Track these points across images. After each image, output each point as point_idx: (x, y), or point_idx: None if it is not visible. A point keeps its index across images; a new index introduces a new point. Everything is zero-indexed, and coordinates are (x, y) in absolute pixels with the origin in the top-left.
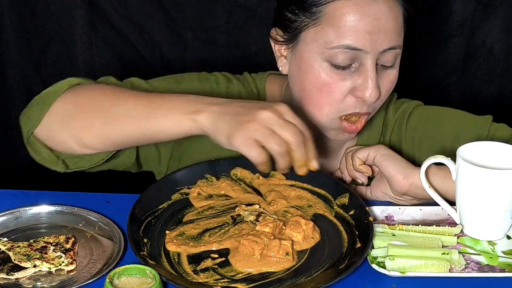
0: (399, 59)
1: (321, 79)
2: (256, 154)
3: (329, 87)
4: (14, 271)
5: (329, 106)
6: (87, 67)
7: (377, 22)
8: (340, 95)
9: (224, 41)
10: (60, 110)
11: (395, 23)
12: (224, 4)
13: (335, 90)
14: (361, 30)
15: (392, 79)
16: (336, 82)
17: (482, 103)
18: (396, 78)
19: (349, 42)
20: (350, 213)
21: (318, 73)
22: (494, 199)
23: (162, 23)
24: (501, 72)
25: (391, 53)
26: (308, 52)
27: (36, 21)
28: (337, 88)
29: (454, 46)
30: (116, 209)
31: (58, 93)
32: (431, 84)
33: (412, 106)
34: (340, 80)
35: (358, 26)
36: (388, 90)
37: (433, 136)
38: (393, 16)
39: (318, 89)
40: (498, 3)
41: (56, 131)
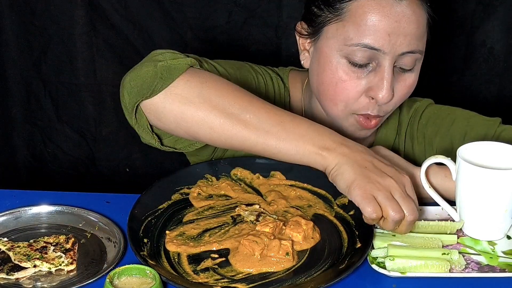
0: (419, 64)
1: (337, 75)
2: (372, 210)
3: (344, 83)
4: (14, 271)
5: (343, 102)
6: (87, 67)
7: (398, 24)
8: (355, 93)
9: (224, 41)
10: (181, 91)
11: (417, 27)
12: (224, 4)
13: (350, 88)
14: (380, 30)
15: (410, 84)
16: (352, 80)
17: (482, 103)
18: (414, 84)
19: (367, 41)
20: (350, 213)
21: (336, 68)
22: (494, 199)
23: (162, 23)
24: (501, 72)
25: (410, 57)
26: (328, 48)
27: (36, 21)
28: (352, 86)
29: (454, 46)
30: (116, 209)
31: (180, 70)
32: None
33: (424, 105)
34: (356, 78)
35: (378, 26)
36: (404, 94)
37: (443, 135)
38: (415, 20)
39: (334, 85)
40: (498, 3)
41: (170, 111)
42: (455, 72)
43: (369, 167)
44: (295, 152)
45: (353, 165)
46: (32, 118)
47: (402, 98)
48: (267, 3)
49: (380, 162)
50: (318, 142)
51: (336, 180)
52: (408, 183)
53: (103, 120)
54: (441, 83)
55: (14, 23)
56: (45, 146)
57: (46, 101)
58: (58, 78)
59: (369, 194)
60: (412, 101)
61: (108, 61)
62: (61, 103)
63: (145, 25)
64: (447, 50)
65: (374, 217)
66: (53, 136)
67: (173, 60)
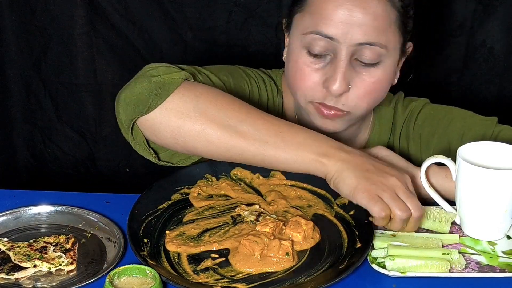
0: (389, 61)
1: (297, 65)
2: (380, 208)
3: (302, 73)
4: (14, 271)
5: (300, 91)
6: (87, 67)
7: (351, 14)
8: (312, 84)
9: (224, 41)
10: (177, 106)
11: (373, 19)
12: (224, 4)
13: (307, 78)
14: (334, 18)
15: (375, 80)
16: (309, 70)
17: (482, 103)
18: (382, 81)
19: (321, 29)
20: (350, 213)
21: (297, 58)
22: (494, 199)
23: (162, 23)
24: (501, 72)
25: (370, 50)
26: (293, 38)
27: (36, 21)
28: (309, 76)
29: (454, 46)
30: (116, 209)
31: (174, 85)
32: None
33: (420, 105)
34: (314, 68)
35: (331, 14)
36: (369, 91)
37: (440, 135)
38: (372, 12)
39: (294, 74)
40: (498, 3)
41: (167, 127)
42: (455, 72)
43: (370, 170)
44: (294, 161)
45: (354, 169)
46: (32, 118)
47: (367, 95)
48: (267, 3)
49: (380, 164)
50: (316, 149)
51: (338, 187)
52: (409, 182)
53: (103, 120)
54: (441, 83)
55: (14, 23)
56: (45, 146)
57: (46, 101)
58: (58, 78)
59: (374, 195)
60: (408, 101)
61: (108, 61)
62: (61, 103)
63: (145, 25)
64: (447, 50)
65: (384, 215)
66: (53, 136)
67: (167, 75)
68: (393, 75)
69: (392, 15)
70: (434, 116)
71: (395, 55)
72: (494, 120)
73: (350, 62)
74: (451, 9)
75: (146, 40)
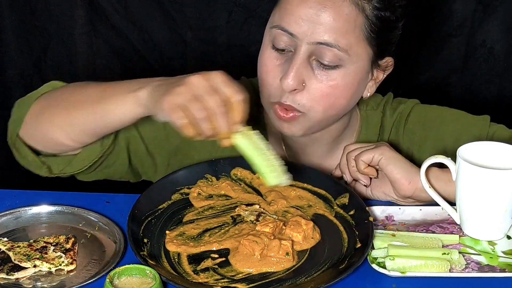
0: (349, 66)
1: (262, 60)
2: (177, 117)
3: (265, 68)
4: (14, 271)
5: (264, 88)
6: (87, 67)
7: (312, 11)
8: (272, 79)
9: (224, 41)
10: (36, 109)
11: (335, 20)
12: (224, 4)
13: (269, 73)
14: (295, 14)
15: (333, 84)
16: (271, 65)
17: (482, 103)
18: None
19: (284, 24)
20: (350, 213)
21: (263, 53)
22: (494, 199)
23: (162, 23)
24: (501, 72)
25: (329, 50)
26: (265, 33)
27: (36, 21)
28: (271, 71)
29: (454, 46)
30: (116, 209)
31: (38, 94)
32: (431, 84)
33: (409, 107)
34: (276, 64)
35: (294, 10)
36: (326, 94)
37: (434, 138)
38: (335, 12)
39: (260, 69)
40: (498, 3)
41: (33, 129)
42: (455, 72)
43: (174, 80)
44: (117, 106)
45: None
46: None
47: (323, 97)
48: (267, 3)
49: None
50: (132, 87)
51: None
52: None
53: None
54: (441, 83)
55: (14, 23)
56: None
57: None
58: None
59: (173, 104)
60: (397, 103)
61: (108, 61)
62: None
63: (145, 25)
64: (447, 50)
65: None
66: None
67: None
68: (358, 84)
69: (359, 20)
70: (425, 119)
71: (359, 63)
72: (487, 119)
73: (309, 61)
74: (451, 9)
75: (146, 40)
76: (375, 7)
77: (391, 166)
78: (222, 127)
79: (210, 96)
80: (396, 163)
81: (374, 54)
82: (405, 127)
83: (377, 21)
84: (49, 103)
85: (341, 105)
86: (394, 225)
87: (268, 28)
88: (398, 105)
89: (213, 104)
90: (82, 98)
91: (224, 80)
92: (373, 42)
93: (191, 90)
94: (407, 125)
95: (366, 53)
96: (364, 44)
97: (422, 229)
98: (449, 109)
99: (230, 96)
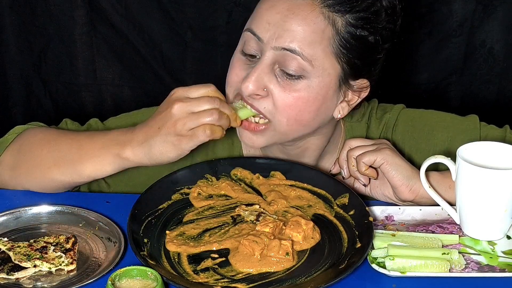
0: (313, 79)
1: (232, 62)
2: (203, 135)
3: (233, 69)
4: (14, 271)
5: (228, 86)
6: (87, 67)
7: (279, 16)
8: (235, 77)
9: (224, 41)
10: (7, 161)
11: (301, 27)
12: (224, 4)
13: (234, 74)
14: (263, 17)
15: (297, 95)
16: (239, 68)
17: (482, 103)
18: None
19: (252, 27)
20: (350, 213)
21: (233, 56)
22: (494, 199)
23: (162, 23)
24: (501, 72)
25: (293, 58)
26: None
27: (36, 21)
28: (236, 71)
29: (454, 46)
30: (116, 209)
31: (6, 143)
32: (431, 84)
33: (395, 116)
34: (243, 68)
35: (262, 13)
36: (289, 104)
37: (423, 150)
38: (301, 20)
39: (228, 71)
40: (498, 3)
41: (7, 181)
42: (455, 72)
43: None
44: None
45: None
46: (32, 118)
47: (286, 108)
48: None
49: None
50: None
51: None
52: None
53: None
54: (441, 83)
55: (14, 23)
56: None
57: (46, 101)
58: (58, 78)
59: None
60: (381, 113)
61: (108, 61)
62: (61, 103)
63: (145, 25)
64: (447, 50)
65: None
66: None
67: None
68: (323, 100)
69: (327, 33)
70: (414, 129)
71: (324, 77)
72: (476, 121)
73: (272, 68)
74: (451, 9)
75: (146, 40)
76: (349, 23)
77: (393, 172)
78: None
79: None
80: (398, 169)
81: (343, 71)
82: (393, 138)
83: (349, 38)
84: (24, 158)
85: (305, 119)
86: (394, 225)
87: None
88: (383, 114)
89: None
90: (59, 154)
91: (190, 90)
92: (343, 58)
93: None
94: (395, 136)
95: (333, 68)
96: (331, 59)
97: (422, 229)
98: (437, 114)
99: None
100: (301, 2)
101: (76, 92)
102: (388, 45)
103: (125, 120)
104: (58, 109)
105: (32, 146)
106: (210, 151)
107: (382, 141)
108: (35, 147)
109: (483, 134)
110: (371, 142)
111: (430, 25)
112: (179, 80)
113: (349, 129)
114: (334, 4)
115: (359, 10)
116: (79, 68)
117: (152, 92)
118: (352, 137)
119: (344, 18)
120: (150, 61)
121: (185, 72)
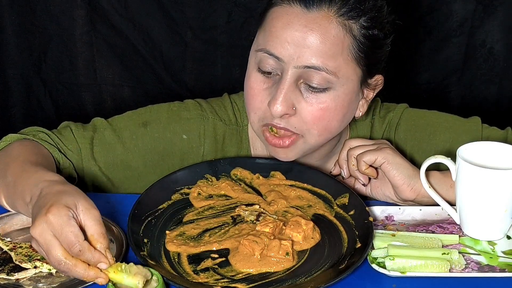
0: (338, 88)
1: (248, 83)
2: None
3: (252, 91)
4: (15, 271)
5: (252, 112)
6: (87, 67)
7: (299, 34)
8: (259, 103)
9: (224, 41)
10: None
11: (322, 43)
12: (224, 4)
13: (256, 97)
14: (280, 37)
15: (324, 106)
16: (258, 88)
17: (482, 103)
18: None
19: (269, 48)
20: (350, 213)
21: (249, 76)
22: (494, 199)
23: (162, 23)
24: (501, 72)
25: (317, 74)
26: (250, 56)
27: (36, 21)
28: (258, 95)
29: (454, 46)
30: (116, 209)
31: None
32: (431, 84)
33: (398, 115)
34: (263, 88)
35: (279, 33)
36: (318, 116)
37: (425, 150)
38: (321, 35)
39: (247, 93)
40: (498, 3)
41: None
42: (455, 72)
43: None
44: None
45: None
46: (32, 118)
47: (315, 120)
48: None
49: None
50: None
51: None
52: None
53: None
54: (441, 83)
55: (14, 23)
56: None
57: (46, 101)
58: (58, 78)
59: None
60: (385, 112)
61: (108, 61)
62: (61, 103)
63: (145, 25)
64: (447, 50)
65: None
66: None
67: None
68: (349, 106)
69: (346, 41)
70: (416, 128)
71: (348, 84)
72: (478, 122)
73: (297, 84)
74: (451, 9)
75: (146, 40)
76: (363, 26)
77: (394, 172)
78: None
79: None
80: (399, 168)
81: (363, 74)
82: (395, 137)
83: (365, 40)
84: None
85: (334, 127)
86: (394, 225)
87: (253, 50)
88: (387, 113)
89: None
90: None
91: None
92: (362, 62)
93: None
94: (397, 135)
95: (355, 74)
96: (353, 65)
97: (422, 229)
98: (440, 115)
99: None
100: (316, 15)
101: (76, 92)
102: (392, 36)
103: (130, 118)
104: (58, 109)
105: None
106: (219, 149)
107: (382, 141)
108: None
109: (485, 136)
110: (371, 142)
111: (430, 25)
112: (179, 80)
113: (354, 128)
114: (347, 12)
115: (368, 11)
116: (79, 68)
117: (152, 92)
118: (356, 135)
119: (358, 23)
120: (150, 61)
121: (185, 72)
